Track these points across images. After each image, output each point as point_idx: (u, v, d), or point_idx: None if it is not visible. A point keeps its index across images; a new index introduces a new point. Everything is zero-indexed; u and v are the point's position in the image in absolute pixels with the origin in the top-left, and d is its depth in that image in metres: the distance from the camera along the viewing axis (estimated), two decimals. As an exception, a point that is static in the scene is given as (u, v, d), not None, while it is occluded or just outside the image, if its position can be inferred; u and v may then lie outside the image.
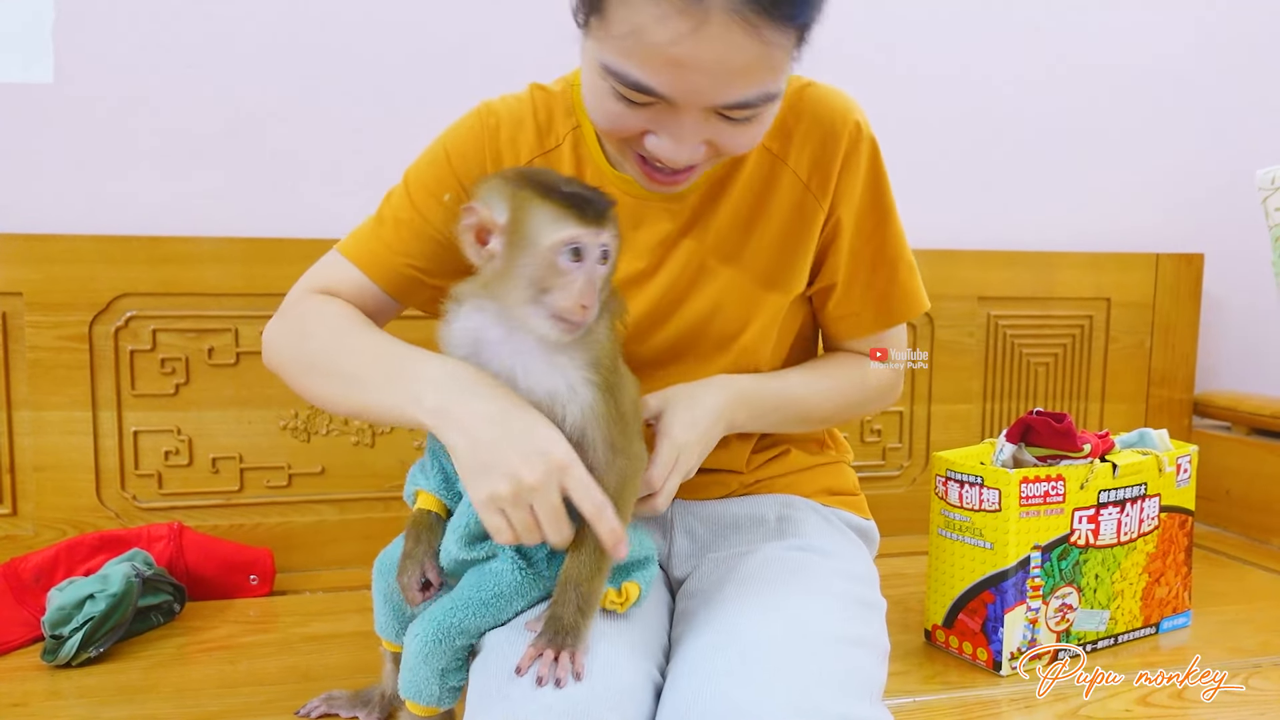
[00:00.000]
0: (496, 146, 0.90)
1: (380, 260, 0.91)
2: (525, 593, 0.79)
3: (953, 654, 1.09)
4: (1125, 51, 1.71)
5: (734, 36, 0.68)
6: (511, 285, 0.73)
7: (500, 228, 0.73)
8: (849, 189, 0.92)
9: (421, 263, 0.91)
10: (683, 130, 0.75)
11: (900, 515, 1.52)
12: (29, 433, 1.29)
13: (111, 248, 1.29)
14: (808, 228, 0.92)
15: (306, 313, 0.89)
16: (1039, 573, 1.04)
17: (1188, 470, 1.16)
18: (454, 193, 0.89)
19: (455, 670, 0.80)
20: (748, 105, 0.74)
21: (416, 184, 0.92)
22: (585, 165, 0.91)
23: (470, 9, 1.43)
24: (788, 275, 0.93)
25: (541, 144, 0.91)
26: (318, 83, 1.40)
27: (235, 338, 1.33)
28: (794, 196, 0.91)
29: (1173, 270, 1.70)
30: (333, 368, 0.84)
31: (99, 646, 1.06)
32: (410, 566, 0.80)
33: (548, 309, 0.73)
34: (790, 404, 0.95)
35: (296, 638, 1.15)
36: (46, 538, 1.29)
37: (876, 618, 0.88)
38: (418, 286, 0.92)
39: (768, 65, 0.72)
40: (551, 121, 0.91)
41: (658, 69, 0.71)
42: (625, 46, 0.71)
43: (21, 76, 1.32)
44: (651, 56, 0.70)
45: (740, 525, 0.96)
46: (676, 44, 0.68)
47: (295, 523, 1.38)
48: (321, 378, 0.85)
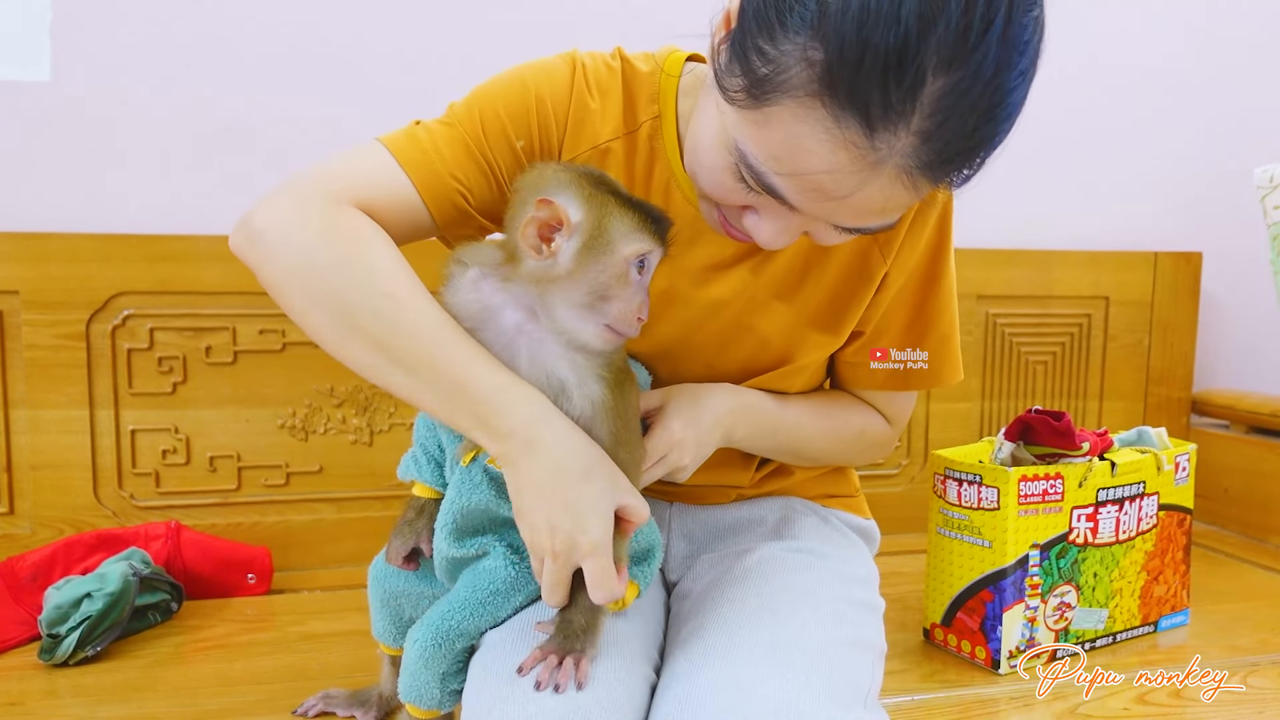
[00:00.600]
0: (582, 110, 0.82)
1: (438, 179, 0.79)
2: (522, 587, 0.79)
3: (951, 652, 1.09)
4: (1124, 51, 1.71)
5: (895, 190, 0.64)
6: (573, 287, 0.70)
7: (573, 228, 0.69)
8: (911, 247, 0.87)
9: (475, 195, 0.81)
10: (790, 227, 0.71)
11: (899, 514, 1.52)
12: (26, 431, 1.28)
13: (109, 246, 1.29)
14: (867, 280, 0.87)
15: (358, 242, 0.74)
16: (1037, 571, 1.04)
17: (1186, 469, 1.16)
18: (527, 141, 0.81)
19: (456, 673, 0.79)
20: (866, 231, 0.72)
21: (489, 110, 0.81)
22: (658, 160, 0.83)
23: (467, 11, 1.43)
24: (838, 321, 0.89)
25: (625, 124, 0.83)
26: (315, 82, 1.40)
27: (233, 336, 1.33)
28: (860, 246, 0.86)
29: (1171, 269, 1.69)
30: (385, 340, 0.71)
31: (96, 645, 1.06)
32: (406, 532, 0.81)
33: (603, 316, 0.71)
34: (789, 430, 0.91)
35: (294, 636, 1.14)
36: (43, 536, 1.29)
37: (873, 619, 0.88)
38: (464, 220, 0.82)
39: (903, 208, 0.68)
40: (635, 102, 0.83)
41: (799, 190, 0.65)
42: (775, 155, 0.64)
43: (18, 75, 1.32)
44: (799, 179, 0.64)
45: (738, 527, 0.96)
46: (840, 188, 0.63)
47: (293, 522, 1.38)
48: (364, 343, 0.72)
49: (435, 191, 0.79)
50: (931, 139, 0.61)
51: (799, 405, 0.92)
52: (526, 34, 1.42)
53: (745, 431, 0.87)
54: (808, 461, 0.97)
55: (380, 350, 0.72)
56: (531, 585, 0.79)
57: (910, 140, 0.61)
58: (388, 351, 0.71)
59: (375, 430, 1.39)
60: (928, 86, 0.59)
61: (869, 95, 0.59)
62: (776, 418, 0.89)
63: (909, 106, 0.60)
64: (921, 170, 0.63)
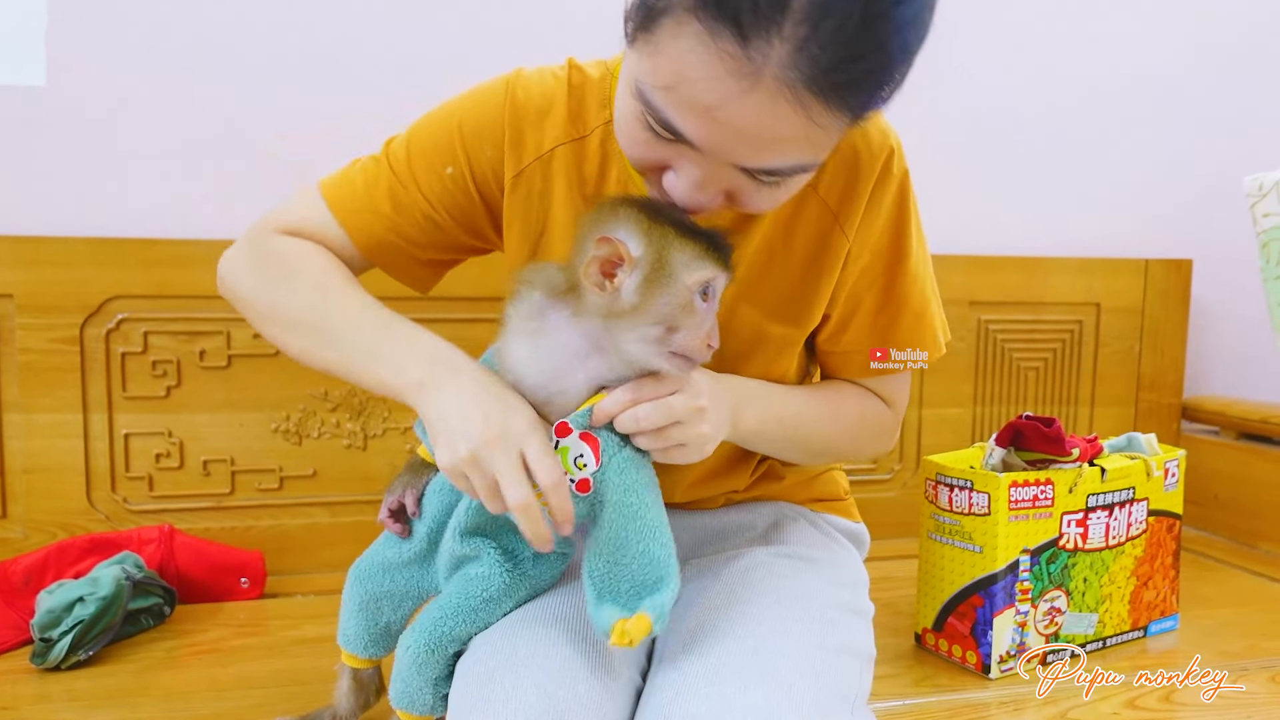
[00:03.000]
0: (520, 125, 0.85)
1: (364, 223, 0.87)
2: (513, 593, 0.79)
3: (942, 657, 1.09)
4: (1114, 57, 1.73)
5: (780, 108, 0.63)
6: (640, 320, 0.71)
7: (634, 262, 0.70)
8: (870, 223, 0.86)
9: (409, 233, 0.87)
10: (703, 178, 0.70)
11: (891, 519, 1.53)
12: (19, 435, 1.28)
13: (103, 250, 1.29)
14: (831, 261, 0.86)
15: (286, 257, 0.85)
16: (1028, 576, 1.04)
17: (1175, 474, 1.16)
18: (456, 167, 0.86)
19: (447, 678, 0.80)
20: (777, 173, 0.70)
21: (419, 150, 0.87)
22: (612, 161, 0.85)
23: (467, 12, 1.43)
24: (803, 310, 0.88)
25: (570, 131, 0.85)
26: (310, 85, 1.40)
27: (227, 340, 1.33)
28: (821, 226, 0.85)
29: (1162, 275, 1.71)
30: (317, 325, 0.81)
31: (88, 649, 1.06)
32: (397, 487, 0.83)
33: (671, 346, 0.72)
34: (793, 418, 0.88)
35: (287, 641, 1.14)
36: (36, 540, 1.29)
37: (862, 624, 0.88)
38: (398, 255, 0.89)
39: (807, 140, 0.66)
40: (584, 109, 0.85)
41: (694, 119, 0.65)
42: (666, 84, 0.65)
43: (14, 78, 1.32)
44: (690, 105, 0.65)
45: (727, 532, 0.96)
46: (720, 105, 0.63)
47: (286, 525, 1.38)
48: (301, 333, 0.83)
49: (365, 234, 0.87)
50: (806, 47, 0.60)
51: (799, 392, 0.91)
52: (521, 36, 1.43)
53: (753, 415, 0.84)
54: (811, 455, 0.96)
55: (314, 334, 0.81)
56: (522, 591, 0.79)
57: (785, 49, 0.61)
58: (320, 334, 0.81)
59: (369, 435, 1.39)
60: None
61: (739, 3, 0.60)
62: (781, 403, 0.87)
63: (778, 12, 0.60)
64: (805, 86, 0.62)
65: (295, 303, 0.83)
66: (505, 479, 0.69)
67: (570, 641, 0.75)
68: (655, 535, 0.73)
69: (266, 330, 0.86)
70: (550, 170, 0.85)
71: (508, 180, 0.86)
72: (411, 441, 1.40)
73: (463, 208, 0.87)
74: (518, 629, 0.77)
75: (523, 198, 0.86)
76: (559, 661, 0.73)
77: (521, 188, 0.86)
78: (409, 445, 1.40)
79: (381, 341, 0.78)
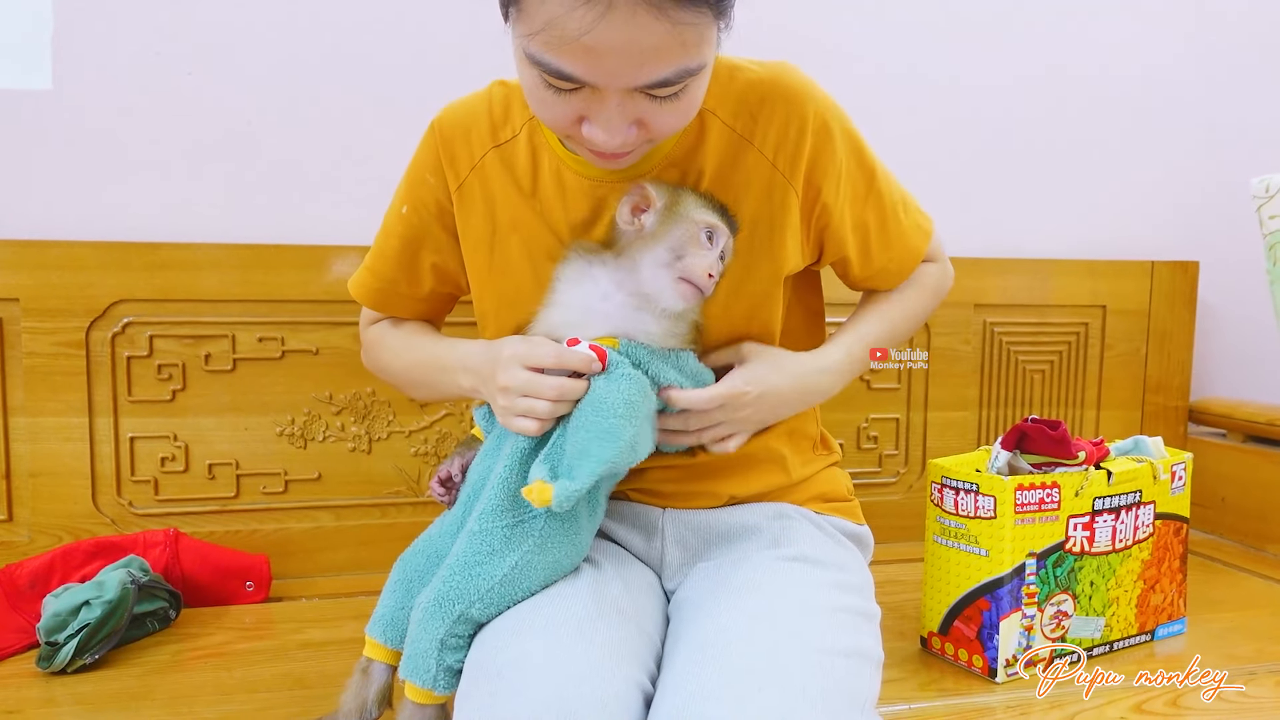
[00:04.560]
0: (451, 148, 0.96)
1: (371, 289, 1.05)
2: (515, 545, 0.81)
3: (948, 661, 1.09)
4: (1120, 59, 1.72)
5: (640, 19, 0.70)
6: (655, 244, 0.86)
7: (657, 207, 0.86)
8: (828, 165, 0.92)
9: (391, 274, 1.02)
10: (610, 113, 0.77)
11: (896, 522, 1.52)
12: (25, 439, 1.29)
13: (109, 254, 1.29)
14: (780, 209, 0.92)
15: (373, 343, 1.08)
16: (1034, 580, 1.04)
17: (1182, 478, 1.16)
18: (409, 204, 0.99)
19: (454, 649, 0.81)
20: (668, 83, 0.75)
21: (389, 209, 1.02)
22: (542, 153, 0.92)
23: (469, 14, 1.44)
24: (771, 246, 0.93)
25: (495, 137, 0.94)
26: (315, 89, 1.41)
27: (232, 344, 1.34)
28: (763, 177, 0.92)
29: (1168, 278, 1.70)
30: (414, 382, 1.04)
31: (94, 653, 1.06)
32: (450, 459, 0.94)
33: (679, 271, 0.85)
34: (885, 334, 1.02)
35: (292, 645, 1.14)
36: (42, 544, 1.29)
37: (870, 627, 0.88)
38: (391, 299, 1.04)
39: (680, 43, 0.73)
40: (508, 114, 0.94)
41: (574, 56, 0.72)
42: (542, 37, 0.73)
43: (20, 83, 1.33)
44: (566, 45, 0.72)
45: (732, 534, 0.96)
46: (586, 33, 0.70)
47: (292, 529, 1.38)
48: (414, 389, 1.07)
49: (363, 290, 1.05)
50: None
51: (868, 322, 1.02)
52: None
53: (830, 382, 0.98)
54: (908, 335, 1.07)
55: (425, 388, 1.04)
56: (527, 543, 0.81)
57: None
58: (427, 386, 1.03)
59: (374, 438, 1.39)
60: None
61: None
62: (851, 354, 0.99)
63: None
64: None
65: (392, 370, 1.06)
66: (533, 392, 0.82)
67: (580, 642, 0.76)
68: (604, 436, 0.80)
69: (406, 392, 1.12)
70: (487, 176, 0.95)
71: (453, 195, 0.96)
72: (416, 444, 1.41)
73: (425, 235, 1.00)
74: (528, 627, 0.78)
75: (469, 207, 0.96)
76: (568, 661, 0.73)
77: (466, 198, 0.96)
78: (414, 448, 1.41)
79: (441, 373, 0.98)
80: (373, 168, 1.41)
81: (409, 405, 1.40)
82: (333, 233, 1.40)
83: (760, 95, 0.91)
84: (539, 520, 0.82)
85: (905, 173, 1.04)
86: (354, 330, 1.36)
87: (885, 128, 1.65)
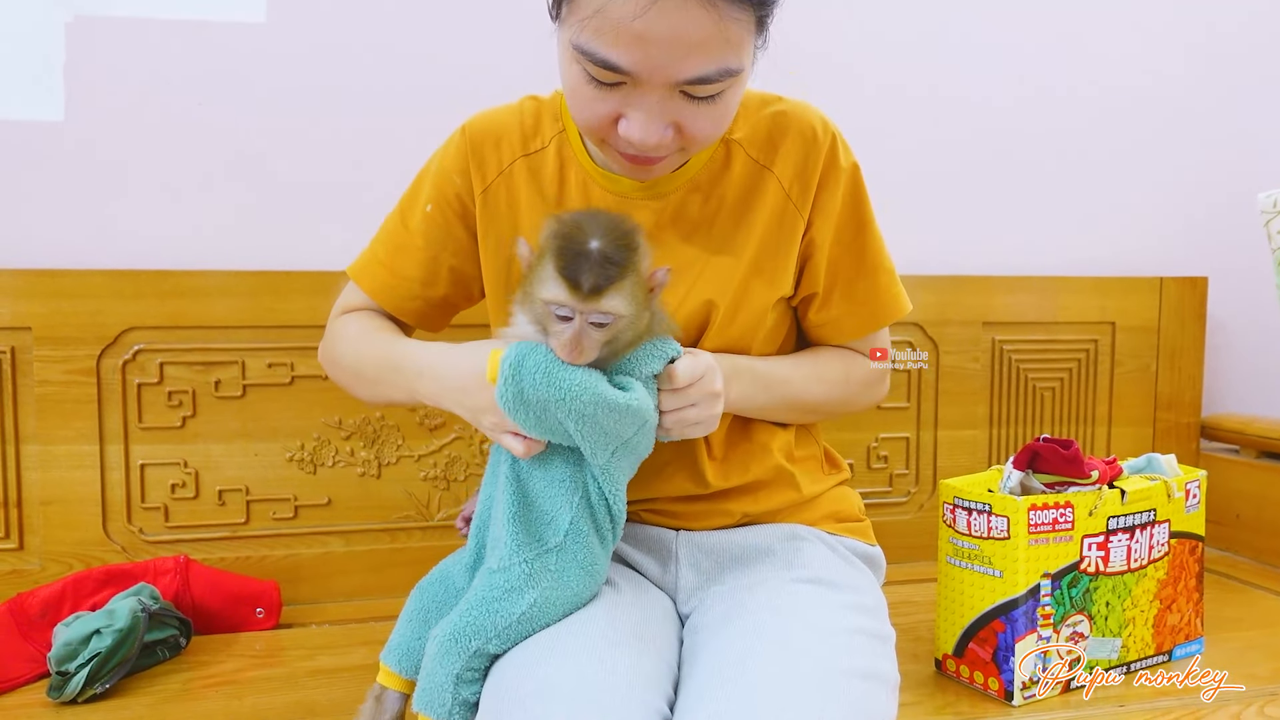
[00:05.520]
0: (480, 153, 0.97)
1: (372, 273, 1.03)
2: (534, 583, 0.81)
3: (964, 684, 1.08)
4: (1126, 74, 1.73)
5: (690, 10, 0.73)
6: (526, 313, 0.82)
7: (526, 262, 0.82)
8: (827, 201, 0.96)
9: (410, 272, 1.01)
10: (649, 108, 0.79)
11: (908, 542, 1.51)
12: (36, 467, 1.29)
13: (120, 282, 1.30)
14: (789, 236, 0.96)
15: (335, 332, 1.04)
16: (1049, 601, 1.03)
17: (1197, 495, 1.15)
18: (434, 203, 0.99)
19: (469, 682, 0.80)
20: (708, 80, 0.78)
21: (406, 203, 1.03)
22: (569, 166, 0.96)
23: (476, 40, 1.45)
24: (774, 272, 0.96)
25: (525, 147, 0.97)
26: (323, 116, 1.42)
27: (242, 370, 1.34)
28: (778, 204, 0.95)
29: (1177, 293, 1.70)
30: (360, 374, 1.00)
31: (105, 683, 1.06)
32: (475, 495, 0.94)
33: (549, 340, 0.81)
34: (780, 384, 0.98)
35: (303, 672, 1.14)
36: (53, 572, 1.29)
37: (885, 650, 0.87)
38: (403, 297, 1.02)
39: (724, 39, 0.76)
40: (539, 126, 0.97)
41: (622, 44, 0.75)
42: (592, 25, 0.75)
43: (33, 114, 1.34)
44: (616, 32, 0.74)
45: (746, 556, 0.96)
46: (637, 18, 0.73)
47: (302, 555, 1.38)
48: (357, 382, 1.02)
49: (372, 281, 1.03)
50: None
51: (783, 361, 1.01)
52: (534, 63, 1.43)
53: (738, 389, 0.94)
54: (809, 414, 1.04)
55: (368, 384, 0.99)
56: (545, 583, 0.81)
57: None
58: (370, 382, 0.99)
59: (383, 463, 1.39)
60: None
61: None
62: (766, 372, 0.97)
63: None
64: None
65: (345, 363, 1.02)
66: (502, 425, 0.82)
67: (601, 671, 0.75)
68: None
69: (352, 391, 1.04)
70: (513, 183, 0.97)
71: (477, 197, 0.97)
72: (425, 469, 1.41)
73: (446, 235, 1.00)
74: (548, 656, 0.78)
75: (492, 211, 0.97)
76: (590, 690, 0.73)
77: (490, 202, 0.97)
78: (423, 473, 1.40)
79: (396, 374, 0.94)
80: (381, 193, 1.41)
81: (418, 430, 1.40)
82: (341, 258, 1.39)
83: (784, 127, 0.96)
84: (553, 555, 0.82)
85: (912, 189, 1.04)
86: (363, 355, 1.37)
87: (892, 145, 1.66)
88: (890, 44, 1.62)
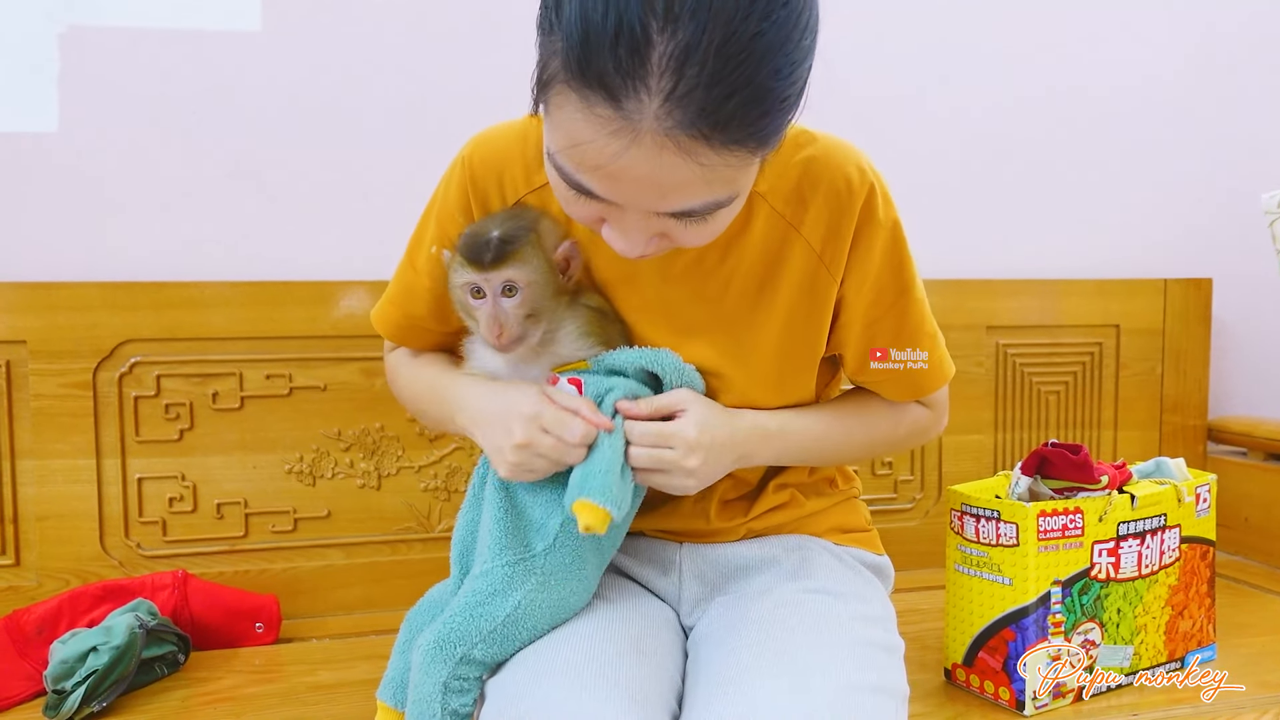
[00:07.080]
0: (483, 190, 0.91)
1: (395, 324, 1.01)
2: (518, 584, 0.80)
3: (974, 693, 1.06)
4: (1129, 76, 1.72)
5: (666, 157, 0.64)
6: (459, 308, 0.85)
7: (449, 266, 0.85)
8: (862, 259, 0.88)
9: (418, 311, 0.98)
10: (630, 228, 0.73)
11: (915, 549, 1.50)
12: (32, 482, 1.28)
13: (115, 294, 1.29)
14: (820, 301, 0.89)
15: (390, 368, 1.07)
16: (1060, 608, 1.02)
17: (1207, 500, 1.14)
18: (439, 244, 0.94)
19: (458, 692, 0.79)
20: (694, 212, 0.71)
21: (414, 243, 0.99)
22: None
23: (473, 54, 1.44)
24: (805, 337, 0.90)
25: (529, 181, 0.90)
26: (319, 125, 1.41)
27: (239, 382, 1.33)
28: (807, 267, 0.87)
29: (1181, 295, 1.68)
30: (421, 411, 1.02)
31: (102, 701, 1.04)
32: None
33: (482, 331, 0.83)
34: (817, 446, 0.94)
35: (302, 687, 1.12)
36: (50, 588, 1.27)
37: (894, 661, 0.86)
38: (418, 335, 1.01)
39: (707, 182, 0.67)
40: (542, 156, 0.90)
41: (595, 177, 0.68)
42: (566, 154, 0.68)
43: (25, 126, 1.33)
44: (587, 165, 0.67)
45: (751, 567, 0.94)
46: (611, 162, 0.66)
47: (301, 568, 1.36)
48: (423, 417, 1.05)
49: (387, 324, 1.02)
50: (674, 98, 0.62)
51: (826, 418, 0.95)
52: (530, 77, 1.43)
53: (768, 455, 0.90)
54: (846, 460, 1.01)
55: (431, 419, 1.01)
56: (530, 582, 0.80)
57: (655, 103, 0.62)
58: (433, 418, 1.00)
59: (383, 474, 1.38)
60: (655, 48, 0.60)
61: (602, 68, 0.62)
62: (799, 435, 0.92)
63: (640, 68, 0.61)
64: (684, 133, 0.63)
65: (403, 396, 1.05)
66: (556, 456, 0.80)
67: (603, 685, 0.74)
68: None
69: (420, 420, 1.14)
70: None
71: None
72: (425, 480, 1.39)
73: None
74: (548, 670, 0.76)
75: None
76: (593, 706, 0.72)
77: None
78: (424, 484, 1.39)
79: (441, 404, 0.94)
80: (378, 203, 1.41)
81: (418, 440, 1.39)
82: (339, 268, 1.40)
83: (815, 178, 0.86)
84: (540, 558, 0.81)
85: (914, 195, 1.03)
86: (362, 365, 1.35)
87: (893, 150, 1.64)
88: (891, 47, 1.61)
